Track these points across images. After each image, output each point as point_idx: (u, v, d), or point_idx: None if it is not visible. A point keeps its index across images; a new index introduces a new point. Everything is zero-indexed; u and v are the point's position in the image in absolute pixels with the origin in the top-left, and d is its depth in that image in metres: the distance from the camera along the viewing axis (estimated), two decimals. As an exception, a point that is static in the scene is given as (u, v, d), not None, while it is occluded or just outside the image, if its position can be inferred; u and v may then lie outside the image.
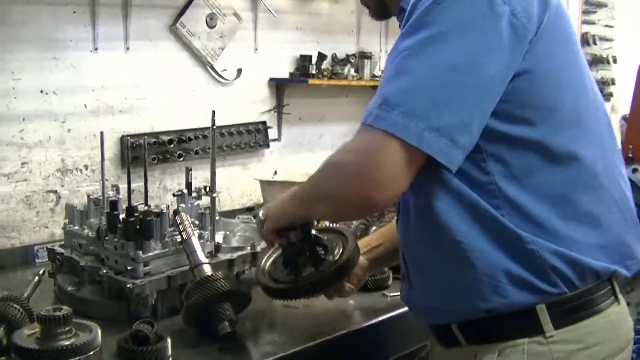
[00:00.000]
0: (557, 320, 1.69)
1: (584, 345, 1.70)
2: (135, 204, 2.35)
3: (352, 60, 4.20)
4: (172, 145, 3.44)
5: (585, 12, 6.40)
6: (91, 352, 1.77)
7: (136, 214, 2.26)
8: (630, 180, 2.04)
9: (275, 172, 3.80)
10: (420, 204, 1.75)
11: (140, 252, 2.22)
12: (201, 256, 2.20)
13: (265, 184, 3.58)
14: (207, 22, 3.60)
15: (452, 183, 1.67)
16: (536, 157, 1.68)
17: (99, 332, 1.82)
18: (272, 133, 3.99)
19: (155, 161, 3.36)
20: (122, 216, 2.30)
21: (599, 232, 1.74)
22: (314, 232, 2.07)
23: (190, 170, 2.62)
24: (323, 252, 2.08)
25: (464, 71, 1.58)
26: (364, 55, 4.22)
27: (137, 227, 2.24)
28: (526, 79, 1.64)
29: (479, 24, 1.59)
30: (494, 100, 1.62)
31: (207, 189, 2.53)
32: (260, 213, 2.08)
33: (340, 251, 2.11)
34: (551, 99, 1.69)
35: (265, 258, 2.24)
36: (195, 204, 2.58)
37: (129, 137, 3.32)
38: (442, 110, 1.56)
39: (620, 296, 1.79)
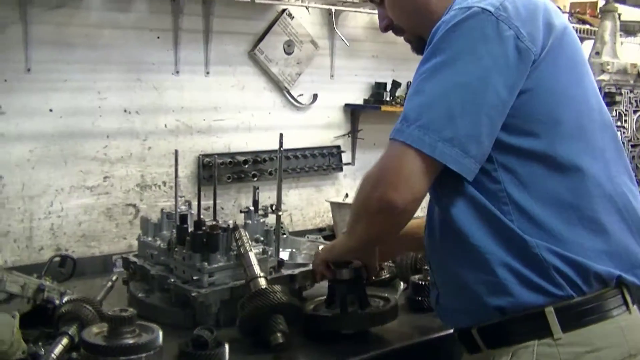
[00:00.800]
0: (566, 323, 1.79)
1: (591, 348, 1.79)
2: (204, 219, 2.48)
3: None
4: (247, 166, 3.57)
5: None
6: (152, 351, 1.89)
7: (203, 228, 2.40)
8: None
9: (347, 195, 3.87)
10: (442, 213, 1.91)
11: (206, 263, 2.34)
12: (257, 270, 2.31)
13: (335, 206, 3.68)
14: (284, 49, 3.72)
15: (467, 191, 1.83)
16: (541, 167, 1.83)
17: (160, 333, 1.94)
18: (346, 157, 4.07)
19: (231, 180, 3.48)
20: (191, 229, 2.44)
21: (603, 238, 1.85)
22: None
23: (258, 189, 2.75)
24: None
25: (474, 89, 1.75)
26: None
27: (204, 240, 2.37)
28: (531, 95, 1.81)
29: (487, 48, 1.76)
30: (502, 115, 1.78)
31: (274, 207, 2.66)
32: (320, 247, 2.26)
33: (382, 303, 2.39)
34: (554, 114, 1.84)
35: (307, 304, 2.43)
36: (261, 221, 2.70)
37: (205, 157, 3.44)
38: (453, 123, 1.73)
39: (632, 306, 1.87)
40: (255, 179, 3.57)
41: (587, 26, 4.74)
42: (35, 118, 3.03)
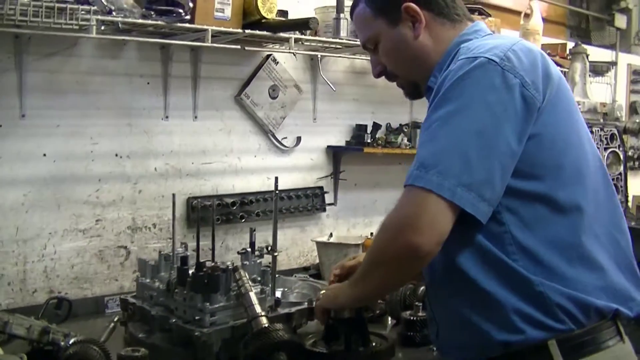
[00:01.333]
0: (567, 354, 1.88)
1: None
2: (203, 260, 2.55)
3: (405, 130, 4.35)
4: (234, 207, 3.63)
5: (633, 82, 6.53)
6: (164, 390, 1.97)
7: (205, 269, 2.47)
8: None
9: (331, 235, 3.92)
10: (444, 255, 1.93)
11: (208, 303, 2.41)
12: (258, 309, 2.37)
13: (321, 245, 3.77)
14: (269, 93, 3.81)
15: (472, 234, 1.90)
16: (544, 208, 1.91)
17: (171, 373, 2.03)
18: (329, 197, 4.15)
19: (219, 221, 3.53)
20: (191, 271, 2.51)
21: (599, 274, 1.94)
22: None
23: (254, 230, 2.82)
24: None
25: (486, 136, 1.83)
26: (416, 125, 4.35)
27: (205, 281, 2.43)
28: (535, 142, 1.89)
29: (496, 96, 1.84)
30: (513, 161, 1.87)
31: (269, 248, 2.74)
32: (321, 293, 2.35)
33: (380, 341, 2.51)
34: (556, 159, 1.93)
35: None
36: (258, 261, 2.77)
37: (195, 199, 3.52)
38: (470, 169, 1.81)
39: (624, 336, 1.96)
40: (243, 220, 3.64)
41: (558, 68, 4.89)
42: (29, 163, 3.09)
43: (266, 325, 2.30)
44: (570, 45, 5.03)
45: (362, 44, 2.29)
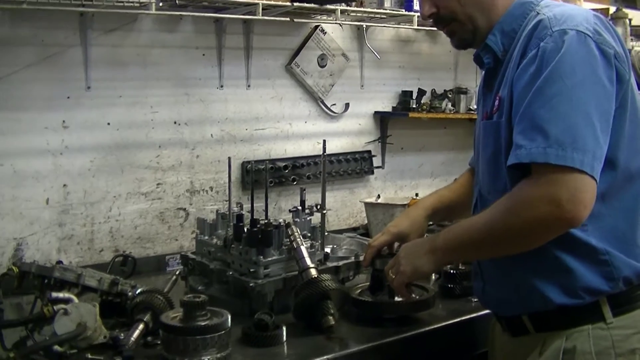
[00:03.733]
0: (616, 309, 2.01)
1: (638, 329, 2.01)
2: (257, 218, 2.75)
3: (450, 95, 4.44)
4: (287, 171, 3.82)
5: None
6: (222, 332, 2.17)
7: (258, 226, 2.67)
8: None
9: (379, 196, 4.07)
10: None
11: (262, 257, 2.60)
12: (308, 262, 2.58)
13: (369, 206, 3.94)
14: (318, 62, 3.97)
15: None
16: (618, 176, 1.99)
17: (229, 317, 2.22)
18: (377, 161, 4.30)
19: (272, 184, 3.71)
20: (246, 228, 2.70)
21: None
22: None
23: (304, 190, 3.01)
24: None
25: (603, 109, 1.90)
26: (460, 91, 4.45)
27: (259, 236, 2.63)
28: (619, 113, 1.95)
29: (602, 69, 1.90)
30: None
31: (318, 206, 2.92)
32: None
33: (421, 292, 2.65)
34: (632, 129, 2.00)
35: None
36: (308, 219, 2.94)
37: (249, 163, 3.72)
38: (599, 142, 1.86)
39: None
40: (295, 182, 3.82)
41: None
42: (94, 131, 3.30)
43: (315, 276, 2.50)
44: (612, 9, 5.04)
45: None
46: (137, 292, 2.49)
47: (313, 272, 2.53)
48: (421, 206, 2.63)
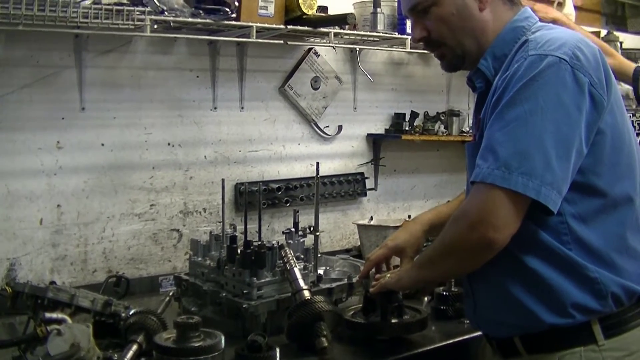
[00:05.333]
0: (607, 332, 2.03)
1: (629, 352, 2.04)
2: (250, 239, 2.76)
3: (442, 118, 4.45)
4: (280, 193, 3.82)
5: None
6: (216, 353, 2.18)
7: (252, 247, 2.68)
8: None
9: (372, 218, 4.07)
10: None
11: (255, 278, 2.62)
12: (302, 283, 2.60)
13: (362, 228, 3.94)
14: (311, 85, 3.98)
15: (526, 222, 1.98)
16: (600, 202, 2.02)
17: (223, 338, 2.23)
18: (369, 183, 4.29)
19: (265, 206, 3.71)
20: (239, 249, 2.72)
21: (639, 263, 2.08)
22: None
23: (298, 212, 3.03)
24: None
25: (564, 136, 1.91)
26: (452, 113, 4.46)
27: (253, 258, 2.65)
28: (598, 140, 1.98)
29: (569, 96, 1.91)
30: (582, 158, 1.96)
31: (311, 228, 2.94)
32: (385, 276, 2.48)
33: (413, 313, 2.66)
34: (614, 156, 2.03)
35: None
36: (301, 241, 2.96)
37: (242, 185, 3.73)
38: (551, 168, 1.89)
39: None
40: (288, 204, 3.82)
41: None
42: (89, 152, 3.31)
43: (309, 297, 2.51)
44: (603, 33, 5.08)
45: (410, 6, 2.23)
46: (130, 313, 2.49)
47: (306, 293, 2.55)
48: (419, 221, 2.66)
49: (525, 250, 2.03)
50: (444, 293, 2.91)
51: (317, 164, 2.95)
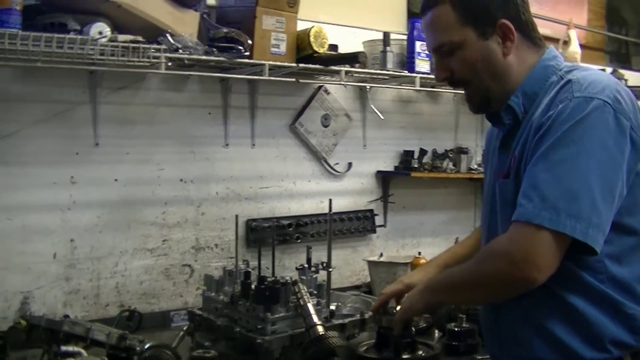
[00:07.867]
0: None
1: None
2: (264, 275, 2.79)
3: (451, 155, 4.49)
4: (290, 229, 3.84)
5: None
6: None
7: (266, 283, 2.70)
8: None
9: (381, 255, 4.09)
10: None
11: (269, 313, 2.64)
12: (315, 319, 2.61)
13: (372, 264, 3.96)
14: (322, 122, 4.03)
15: (564, 261, 1.96)
16: (633, 240, 2.05)
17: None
18: (379, 220, 4.31)
19: (276, 242, 3.65)
20: (253, 285, 2.74)
21: None
22: None
23: (310, 248, 3.05)
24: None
25: (608, 179, 1.93)
26: (461, 151, 4.49)
27: (267, 293, 2.67)
28: (636, 182, 2.01)
29: (613, 139, 1.93)
30: (621, 200, 1.97)
31: (324, 264, 2.96)
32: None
33: (426, 349, 2.62)
34: None
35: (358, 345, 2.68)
36: (314, 277, 2.98)
37: (253, 221, 3.75)
38: (597, 211, 1.90)
39: None
40: (299, 240, 3.84)
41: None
42: (102, 187, 3.34)
43: (322, 333, 2.53)
44: (608, 70, 5.12)
45: (433, 47, 2.23)
46: (145, 347, 2.51)
47: (320, 329, 2.56)
48: (435, 263, 2.66)
49: (564, 287, 2.03)
50: (456, 329, 2.92)
51: (330, 200, 2.98)
